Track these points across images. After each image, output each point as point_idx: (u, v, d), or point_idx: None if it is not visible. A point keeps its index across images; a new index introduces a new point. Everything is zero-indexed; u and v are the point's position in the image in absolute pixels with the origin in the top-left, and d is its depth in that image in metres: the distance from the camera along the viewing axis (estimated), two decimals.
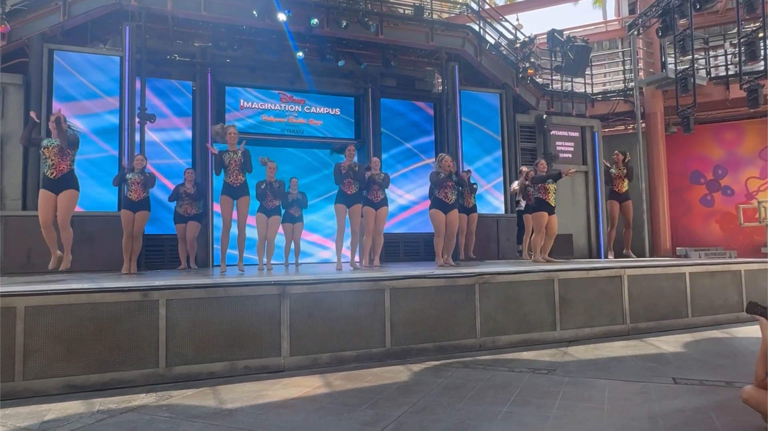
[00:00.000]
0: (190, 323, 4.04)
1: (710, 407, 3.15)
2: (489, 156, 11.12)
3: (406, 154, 11.10)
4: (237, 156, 6.29)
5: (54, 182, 5.44)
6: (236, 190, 6.27)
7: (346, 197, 6.84)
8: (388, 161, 10.66)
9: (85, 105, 8.47)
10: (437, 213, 7.03)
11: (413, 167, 11.12)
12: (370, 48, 10.67)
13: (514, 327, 5.19)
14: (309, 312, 4.41)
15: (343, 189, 6.83)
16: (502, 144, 11.20)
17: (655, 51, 13.25)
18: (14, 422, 3.06)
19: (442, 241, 7.12)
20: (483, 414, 3.09)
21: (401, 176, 10.93)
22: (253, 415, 3.12)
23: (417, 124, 11.28)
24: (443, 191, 7.03)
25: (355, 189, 6.86)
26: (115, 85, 8.67)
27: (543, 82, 12.76)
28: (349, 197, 6.84)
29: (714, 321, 6.27)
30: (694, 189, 13.68)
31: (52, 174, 5.45)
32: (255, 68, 10.14)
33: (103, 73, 8.63)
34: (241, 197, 6.29)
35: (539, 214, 7.52)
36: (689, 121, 11.21)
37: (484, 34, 11.54)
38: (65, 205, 5.49)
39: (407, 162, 11.08)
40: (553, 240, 7.72)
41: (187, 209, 7.98)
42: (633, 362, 4.49)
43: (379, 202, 7.07)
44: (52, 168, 5.44)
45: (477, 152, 10.98)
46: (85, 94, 8.49)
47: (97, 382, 3.74)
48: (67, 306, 3.74)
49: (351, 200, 6.86)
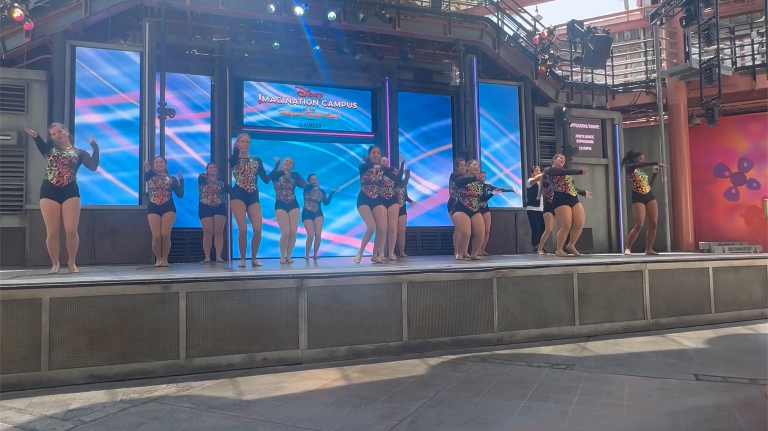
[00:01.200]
0: (210, 315, 4.10)
1: (733, 404, 3.09)
2: (507, 150, 11.02)
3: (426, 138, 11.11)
4: (250, 164, 6.24)
5: (57, 190, 5.33)
6: (250, 196, 6.24)
7: (367, 199, 6.64)
8: (405, 145, 10.74)
9: (105, 100, 8.60)
10: (462, 215, 7.03)
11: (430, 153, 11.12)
12: (387, 41, 10.63)
13: (532, 322, 5.15)
14: (326, 305, 4.44)
15: (365, 191, 6.63)
16: (520, 137, 11.09)
17: (678, 41, 12.94)
18: (40, 410, 3.14)
19: (467, 241, 7.11)
20: (500, 408, 3.08)
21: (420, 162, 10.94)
22: (271, 407, 3.16)
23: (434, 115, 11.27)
24: (468, 199, 7.05)
25: (377, 191, 6.67)
26: (134, 81, 8.79)
27: (562, 74, 12.57)
28: (371, 200, 6.64)
29: (738, 317, 6.14)
30: (718, 182, 13.37)
31: (56, 181, 5.33)
32: (272, 62, 10.19)
33: (122, 69, 8.75)
34: (253, 203, 6.27)
35: (561, 209, 7.41)
36: (714, 113, 10.95)
37: (502, 26, 11.40)
38: (73, 215, 5.41)
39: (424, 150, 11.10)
40: (580, 231, 7.60)
41: (213, 199, 7.87)
42: (653, 358, 4.42)
43: (390, 199, 7.02)
44: (57, 176, 5.33)
45: (494, 145, 10.88)
46: (105, 89, 8.62)
47: (120, 372, 3.81)
48: (90, 298, 3.82)
49: (374, 202, 6.67)
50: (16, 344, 3.61)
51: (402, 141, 10.86)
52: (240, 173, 6.21)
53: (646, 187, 7.71)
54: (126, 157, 8.57)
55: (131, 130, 8.68)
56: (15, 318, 3.63)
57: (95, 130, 8.31)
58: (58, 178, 5.34)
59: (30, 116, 8.36)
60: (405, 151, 10.72)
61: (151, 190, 6.99)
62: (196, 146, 9.60)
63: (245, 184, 6.22)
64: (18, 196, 8.21)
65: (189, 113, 9.57)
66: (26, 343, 3.64)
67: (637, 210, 7.70)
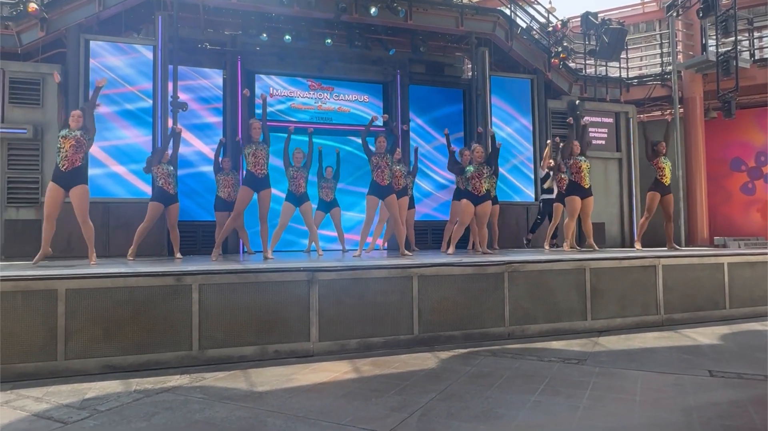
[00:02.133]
0: (222, 307, 4.13)
1: (748, 401, 3.05)
2: (518, 141, 10.94)
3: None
4: (261, 147, 6.23)
5: (64, 176, 5.35)
6: (260, 182, 6.23)
7: (379, 188, 6.58)
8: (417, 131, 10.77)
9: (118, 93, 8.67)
10: (467, 204, 6.92)
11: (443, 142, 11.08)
12: (399, 34, 10.59)
13: (543, 316, 5.13)
14: (338, 299, 4.45)
15: (376, 179, 6.57)
16: (532, 130, 11.00)
17: (695, 33, 12.73)
18: (57, 399, 3.19)
19: (461, 232, 7.03)
20: (511, 402, 3.08)
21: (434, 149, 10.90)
22: (283, 398, 3.18)
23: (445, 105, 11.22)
24: (472, 182, 6.88)
25: (388, 179, 6.59)
26: (146, 74, 8.84)
27: (576, 67, 12.42)
28: (382, 188, 6.57)
29: (753, 313, 6.06)
30: (734, 176, 13.18)
31: (64, 166, 5.35)
32: (284, 56, 10.20)
33: (135, 62, 8.81)
34: (263, 189, 6.28)
35: (571, 198, 7.33)
36: (731, 106, 10.79)
37: (515, 18, 11.30)
38: (81, 202, 5.42)
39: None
40: (590, 223, 7.49)
41: (230, 194, 7.71)
42: (667, 353, 4.39)
43: (401, 190, 6.99)
44: (65, 160, 5.34)
45: (506, 137, 10.81)
46: (118, 83, 8.69)
47: (134, 363, 3.86)
48: (105, 289, 3.87)
49: (385, 191, 6.59)
50: (32, 334, 3.68)
51: (414, 128, 10.82)
52: (251, 155, 6.22)
53: (669, 177, 7.49)
54: (138, 150, 8.65)
55: (143, 123, 8.75)
56: (32, 309, 3.69)
57: (108, 122, 8.39)
58: (65, 162, 5.34)
59: (45, 109, 8.47)
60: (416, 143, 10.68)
61: (156, 177, 6.92)
62: (204, 138, 9.66)
63: (256, 168, 6.22)
64: (34, 189, 8.33)
65: (196, 105, 9.61)
66: (43, 333, 3.70)
67: (652, 198, 7.44)
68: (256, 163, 6.22)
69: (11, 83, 8.38)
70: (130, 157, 8.60)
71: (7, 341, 3.61)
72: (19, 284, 3.69)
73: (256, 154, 6.22)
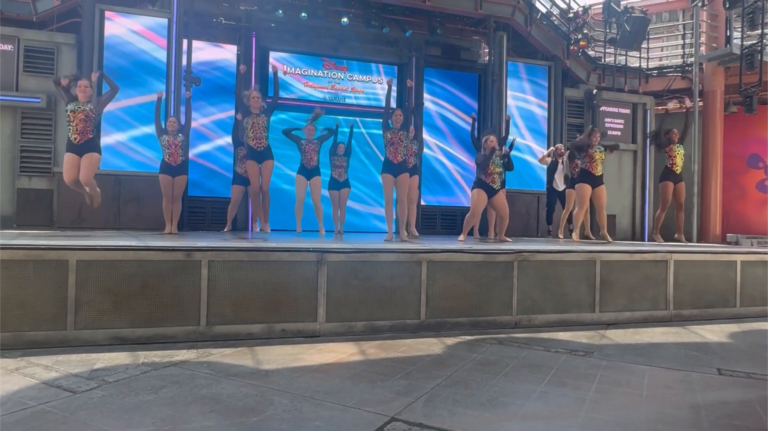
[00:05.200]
0: (231, 284, 4.14)
1: (757, 401, 3.02)
2: (532, 130, 10.81)
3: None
4: (260, 119, 6.21)
5: (78, 146, 5.48)
6: (260, 154, 6.21)
7: (392, 166, 6.40)
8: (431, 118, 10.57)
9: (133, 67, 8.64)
10: (479, 193, 6.76)
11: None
12: (416, 15, 10.43)
13: (551, 307, 5.10)
14: (345, 280, 4.45)
15: (389, 157, 6.39)
16: (548, 118, 10.85)
17: (719, 24, 12.42)
18: (66, 368, 3.23)
19: (473, 221, 6.96)
20: (517, 391, 3.07)
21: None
22: (288, 377, 3.20)
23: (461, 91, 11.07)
24: (491, 177, 6.67)
25: (402, 157, 6.40)
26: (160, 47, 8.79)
27: (595, 55, 12.21)
28: (395, 166, 6.39)
29: (764, 313, 6.00)
30: (750, 173, 12.98)
31: (76, 139, 5.46)
32: (299, 33, 10.09)
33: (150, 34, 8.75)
34: (265, 161, 6.26)
35: (581, 185, 7.20)
36: (752, 101, 10.58)
37: (535, 2, 11.07)
38: (88, 165, 5.51)
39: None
40: (605, 214, 7.41)
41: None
42: (675, 349, 4.35)
43: (412, 168, 6.89)
44: (76, 133, 5.45)
45: (520, 124, 10.69)
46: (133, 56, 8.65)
47: (142, 336, 3.89)
48: (115, 262, 3.88)
49: (398, 169, 6.42)
50: (43, 303, 3.71)
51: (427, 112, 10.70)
52: (249, 128, 6.19)
53: (680, 166, 7.36)
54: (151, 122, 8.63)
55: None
56: (43, 278, 3.72)
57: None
58: (77, 135, 5.43)
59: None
60: (429, 126, 10.58)
61: (163, 147, 6.70)
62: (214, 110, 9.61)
63: (254, 141, 6.20)
64: (47, 158, 8.37)
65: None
66: (54, 303, 3.73)
67: (665, 189, 7.33)
68: (254, 137, 6.18)
69: (26, 51, 8.36)
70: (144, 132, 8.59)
71: (18, 309, 3.65)
72: (31, 253, 3.71)
73: (254, 127, 6.17)
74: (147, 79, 8.69)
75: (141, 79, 8.67)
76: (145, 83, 8.69)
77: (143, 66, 8.68)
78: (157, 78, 8.72)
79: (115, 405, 2.63)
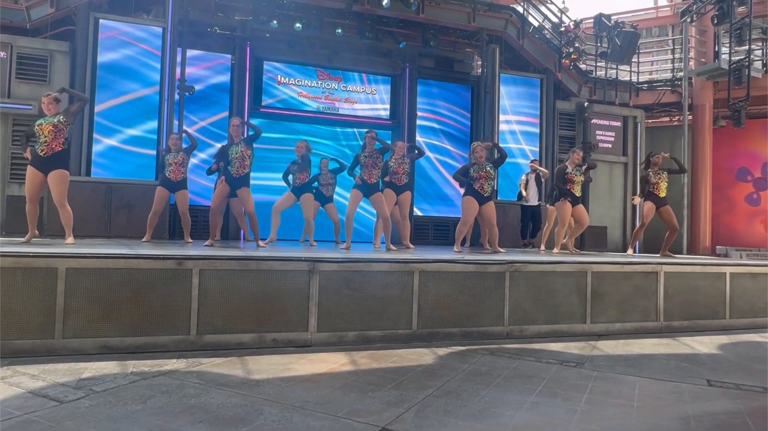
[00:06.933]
0: (222, 293, 4.11)
1: (746, 412, 3.04)
2: (525, 142, 10.89)
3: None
4: (240, 149, 6.01)
5: (43, 161, 5.18)
6: (237, 181, 6.05)
7: (365, 186, 6.57)
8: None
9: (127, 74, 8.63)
10: (470, 201, 6.80)
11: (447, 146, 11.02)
12: (410, 27, 10.53)
13: (542, 318, 5.11)
14: (337, 290, 4.43)
15: (364, 177, 6.54)
16: (539, 130, 10.95)
17: (708, 39, 12.64)
18: (53, 377, 3.18)
19: (464, 230, 7.00)
20: (508, 402, 3.06)
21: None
22: (279, 387, 3.17)
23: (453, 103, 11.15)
24: (479, 183, 6.72)
25: (376, 177, 6.56)
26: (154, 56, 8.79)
27: (586, 69, 12.36)
28: (368, 186, 6.56)
29: (752, 325, 6.04)
30: (739, 186, 13.14)
31: (43, 151, 5.17)
32: (293, 44, 10.15)
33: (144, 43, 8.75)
34: (241, 188, 6.10)
35: (561, 204, 7.41)
36: (740, 115, 10.73)
37: (527, 16, 11.22)
38: (58, 187, 5.25)
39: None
40: (581, 230, 7.70)
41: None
42: (665, 361, 4.37)
43: (402, 186, 6.99)
44: (43, 145, 5.16)
45: (512, 137, 10.76)
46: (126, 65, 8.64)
47: (131, 345, 3.85)
48: (105, 269, 3.85)
49: (370, 189, 6.58)
50: (31, 311, 3.66)
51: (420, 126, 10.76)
52: (235, 159, 5.99)
53: (663, 190, 7.43)
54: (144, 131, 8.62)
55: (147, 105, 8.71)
56: (31, 286, 3.67)
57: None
58: (44, 147, 5.17)
59: (51, 86, 8.43)
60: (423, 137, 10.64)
61: (168, 166, 6.89)
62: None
63: (234, 170, 6.01)
64: None
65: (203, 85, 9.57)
66: (41, 311, 3.68)
67: (648, 207, 7.45)
68: (239, 166, 6.02)
69: (19, 59, 8.34)
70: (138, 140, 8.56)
71: (5, 317, 3.60)
72: (20, 260, 3.68)
73: (238, 157, 5.99)
74: (140, 87, 8.68)
75: (134, 87, 8.66)
76: (138, 92, 8.67)
77: (137, 75, 8.67)
78: (151, 87, 8.71)
79: (102, 415, 2.60)
